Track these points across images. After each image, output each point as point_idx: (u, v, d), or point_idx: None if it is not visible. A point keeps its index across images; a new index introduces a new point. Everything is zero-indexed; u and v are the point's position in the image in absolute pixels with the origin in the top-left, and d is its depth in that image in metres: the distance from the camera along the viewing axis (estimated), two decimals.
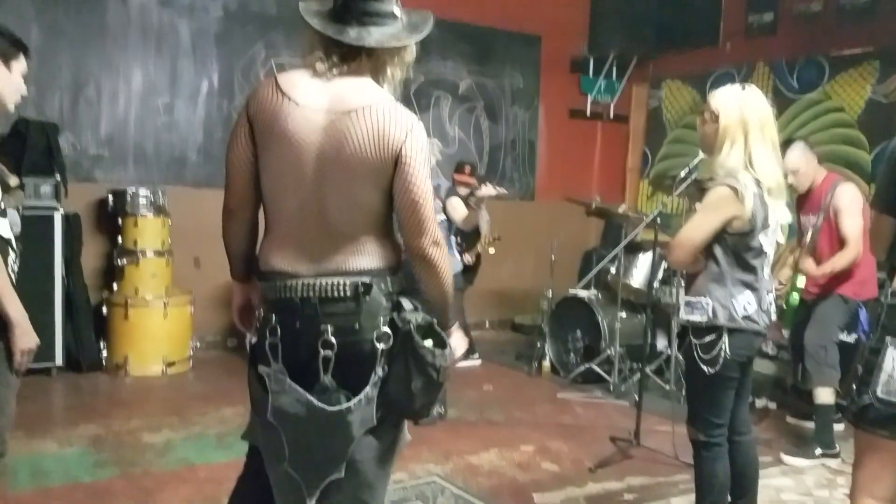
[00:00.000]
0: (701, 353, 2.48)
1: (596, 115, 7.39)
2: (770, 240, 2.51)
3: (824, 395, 3.79)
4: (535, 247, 6.49)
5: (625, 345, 5.03)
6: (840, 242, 3.77)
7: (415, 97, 6.23)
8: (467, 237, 5.53)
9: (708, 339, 2.47)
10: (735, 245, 2.45)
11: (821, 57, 5.71)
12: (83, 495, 3.10)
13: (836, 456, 3.74)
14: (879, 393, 1.91)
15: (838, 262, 3.73)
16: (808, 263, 3.81)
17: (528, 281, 6.74)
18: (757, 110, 2.46)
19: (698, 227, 2.45)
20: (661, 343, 5.30)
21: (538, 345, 5.49)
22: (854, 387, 1.99)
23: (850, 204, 3.76)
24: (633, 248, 5.10)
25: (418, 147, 1.72)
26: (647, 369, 4.81)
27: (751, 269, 2.49)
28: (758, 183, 2.42)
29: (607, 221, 6.55)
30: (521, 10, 6.75)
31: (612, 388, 4.91)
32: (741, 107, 2.46)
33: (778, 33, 6.01)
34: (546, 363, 5.39)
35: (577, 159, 7.39)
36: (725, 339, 2.45)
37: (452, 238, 4.54)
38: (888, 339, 1.92)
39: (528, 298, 6.67)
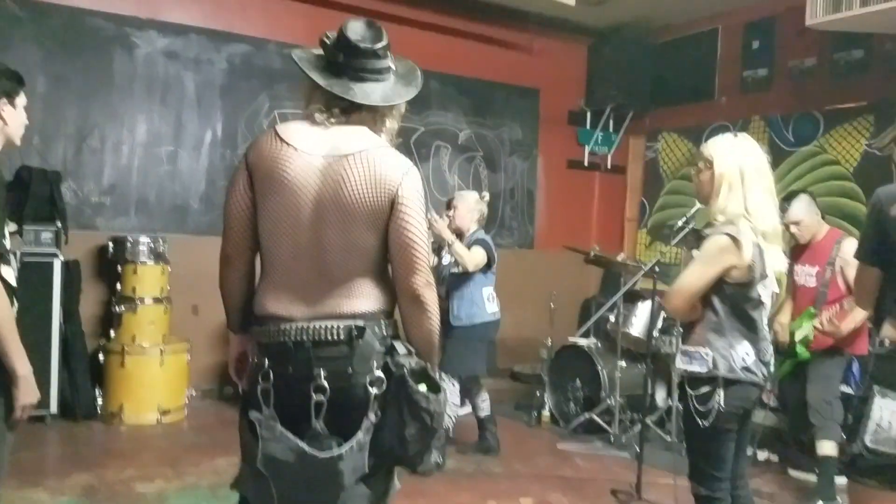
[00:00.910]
0: (696, 405, 2.43)
1: (594, 166, 7.47)
2: (767, 291, 2.50)
3: (827, 448, 3.75)
4: (534, 295, 6.47)
5: (625, 395, 4.99)
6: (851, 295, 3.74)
7: (415, 146, 6.32)
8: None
9: (703, 390, 2.42)
10: (733, 295, 2.43)
11: (815, 111, 5.80)
12: None
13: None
14: (868, 442, 1.90)
15: (858, 315, 3.69)
16: (833, 325, 3.73)
17: (527, 329, 6.70)
18: (752, 157, 2.48)
19: (696, 276, 2.43)
20: (659, 395, 5.25)
21: (538, 394, 5.44)
22: (845, 437, 1.97)
23: None
24: (633, 297, 5.09)
25: (414, 189, 1.76)
26: (648, 420, 4.76)
27: (748, 320, 2.46)
28: (755, 231, 2.42)
29: (606, 270, 6.57)
30: (519, 65, 6.90)
31: (612, 439, 4.85)
32: (736, 153, 2.48)
33: (773, 88, 6.12)
34: (546, 413, 5.34)
35: (575, 209, 7.45)
36: (721, 390, 2.40)
37: (489, 289, 4.51)
38: (875, 387, 1.92)
39: (528, 347, 6.63)
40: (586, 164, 7.42)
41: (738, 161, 2.46)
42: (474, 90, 6.78)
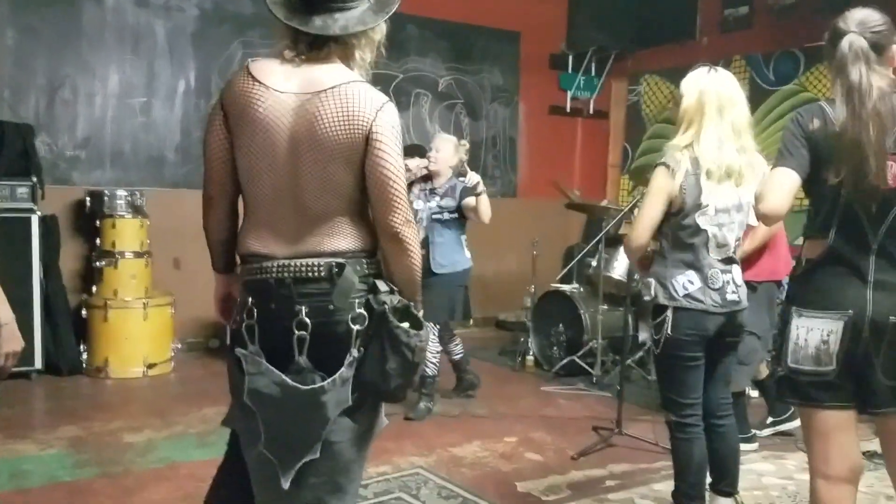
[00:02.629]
0: (654, 334, 2.55)
1: (576, 112, 7.43)
2: (715, 220, 2.49)
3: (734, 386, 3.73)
4: (517, 244, 6.49)
5: (607, 337, 5.06)
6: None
7: (394, 94, 6.23)
8: None
9: (658, 319, 2.53)
10: (672, 224, 2.51)
11: (796, 49, 5.78)
12: (63, 494, 3.07)
13: (750, 440, 3.71)
14: (789, 363, 1.94)
15: (748, 245, 3.47)
16: None
17: (511, 278, 6.74)
18: (717, 92, 2.48)
19: (644, 209, 2.52)
20: (642, 335, 5.31)
21: (522, 340, 5.50)
22: (770, 362, 2.02)
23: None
24: (615, 242, 5.12)
25: (389, 125, 1.73)
26: (630, 360, 4.84)
27: (688, 248, 2.51)
28: (696, 163, 2.45)
29: (589, 217, 6.59)
30: (499, 7, 6.77)
31: (594, 380, 4.93)
32: (700, 89, 2.49)
33: (753, 27, 6.07)
34: (530, 358, 5.40)
35: (558, 156, 7.41)
36: (668, 318, 2.49)
37: (464, 235, 4.48)
38: (793, 308, 1.96)
39: (512, 296, 6.67)
40: (568, 109, 7.37)
41: (699, 98, 2.48)
42: (453, 34, 6.67)
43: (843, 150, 1.86)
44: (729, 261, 2.56)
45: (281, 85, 1.73)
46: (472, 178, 4.21)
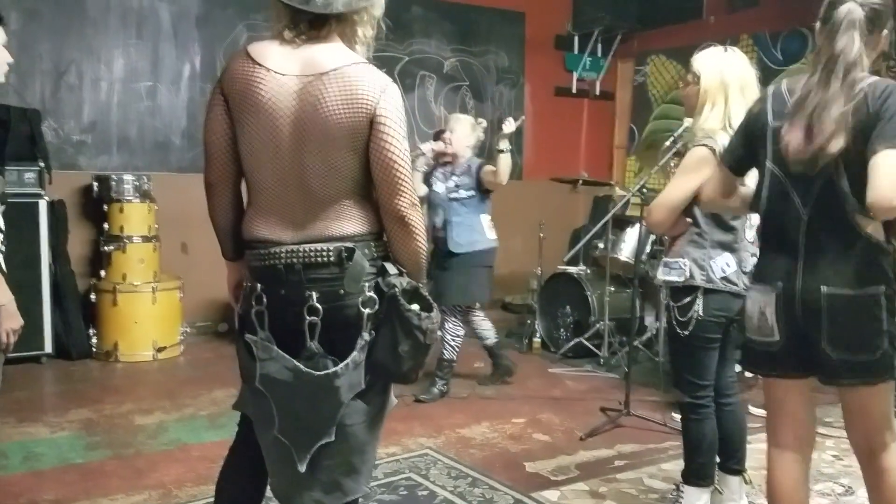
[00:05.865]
0: (678, 316, 2.50)
1: (582, 93, 7.38)
2: None
3: None
4: (524, 227, 6.47)
5: (614, 319, 5.06)
6: None
7: (399, 77, 6.21)
8: None
9: (684, 301, 2.49)
10: None
11: (804, 28, 5.72)
12: (75, 476, 3.10)
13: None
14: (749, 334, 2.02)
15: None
16: None
17: (517, 261, 6.73)
18: (737, 72, 2.47)
19: (676, 187, 2.45)
20: (648, 318, 5.32)
21: (528, 322, 5.51)
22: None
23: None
24: (621, 223, 5.12)
25: (393, 107, 1.71)
26: (637, 342, 4.85)
27: (730, 230, 2.50)
28: None
29: (595, 200, 6.58)
30: None
31: (602, 361, 4.95)
32: (722, 68, 2.47)
33: (761, 5, 6.02)
34: (537, 340, 5.41)
35: (563, 137, 7.38)
36: (699, 300, 2.47)
37: (488, 217, 4.40)
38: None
39: (518, 279, 6.67)
40: (574, 90, 7.32)
41: (722, 77, 2.46)
42: (458, 15, 6.63)
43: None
44: (754, 243, 2.54)
45: (282, 67, 1.71)
46: (509, 126, 4.10)
